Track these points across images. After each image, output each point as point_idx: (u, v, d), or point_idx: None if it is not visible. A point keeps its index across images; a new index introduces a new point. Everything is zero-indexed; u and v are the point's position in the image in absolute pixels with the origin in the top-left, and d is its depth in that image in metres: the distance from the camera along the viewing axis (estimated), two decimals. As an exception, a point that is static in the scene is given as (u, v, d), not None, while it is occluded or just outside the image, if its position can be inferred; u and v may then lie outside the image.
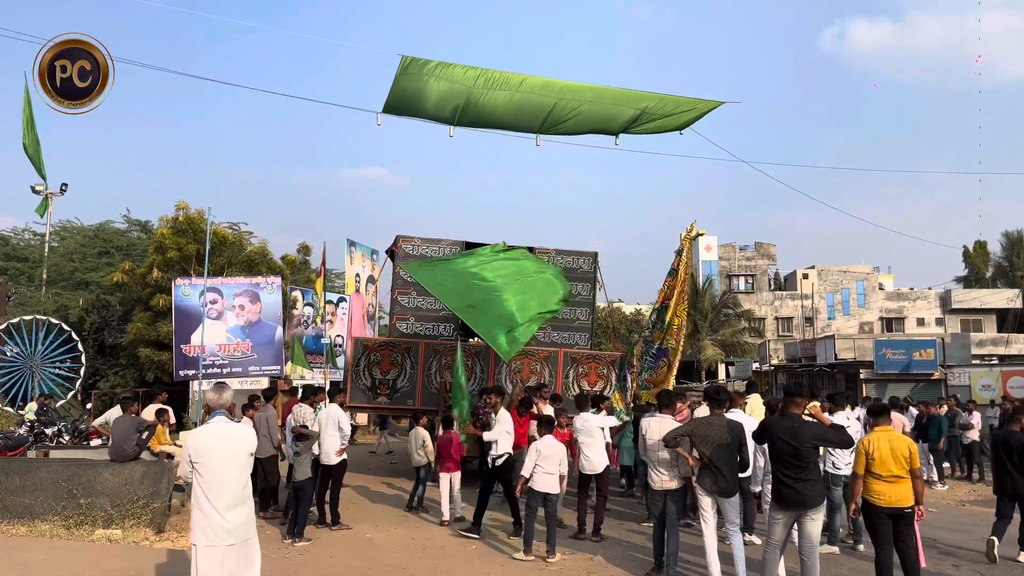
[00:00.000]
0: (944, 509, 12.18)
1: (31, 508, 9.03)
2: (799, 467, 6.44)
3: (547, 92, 10.85)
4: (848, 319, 50.62)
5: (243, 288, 19.95)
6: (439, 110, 10.71)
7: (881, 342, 27.22)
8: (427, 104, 10.63)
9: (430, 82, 10.38)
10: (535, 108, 10.87)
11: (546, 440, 8.51)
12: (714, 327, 45.21)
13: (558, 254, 15.09)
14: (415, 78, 10.32)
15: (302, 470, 9.24)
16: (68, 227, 28.47)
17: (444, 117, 10.86)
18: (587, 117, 11.15)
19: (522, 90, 10.72)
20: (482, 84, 10.52)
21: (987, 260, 58.04)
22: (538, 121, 11.02)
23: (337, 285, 29.37)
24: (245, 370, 19.46)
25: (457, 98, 10.54)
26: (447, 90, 10.46)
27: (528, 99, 10.78)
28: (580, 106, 10.97)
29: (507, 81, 10.65)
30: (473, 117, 10.89)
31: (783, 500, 6.47)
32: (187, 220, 21.55)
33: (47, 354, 18.51)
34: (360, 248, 26.06)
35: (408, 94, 10.50)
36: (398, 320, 14.68)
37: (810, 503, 6.45)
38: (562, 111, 10.91)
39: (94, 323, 22.86)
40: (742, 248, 53.68)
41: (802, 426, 6.62)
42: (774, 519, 6.60)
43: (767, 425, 6.88)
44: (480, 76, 10.51)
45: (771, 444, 6.61)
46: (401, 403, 13.81)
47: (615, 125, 11.40)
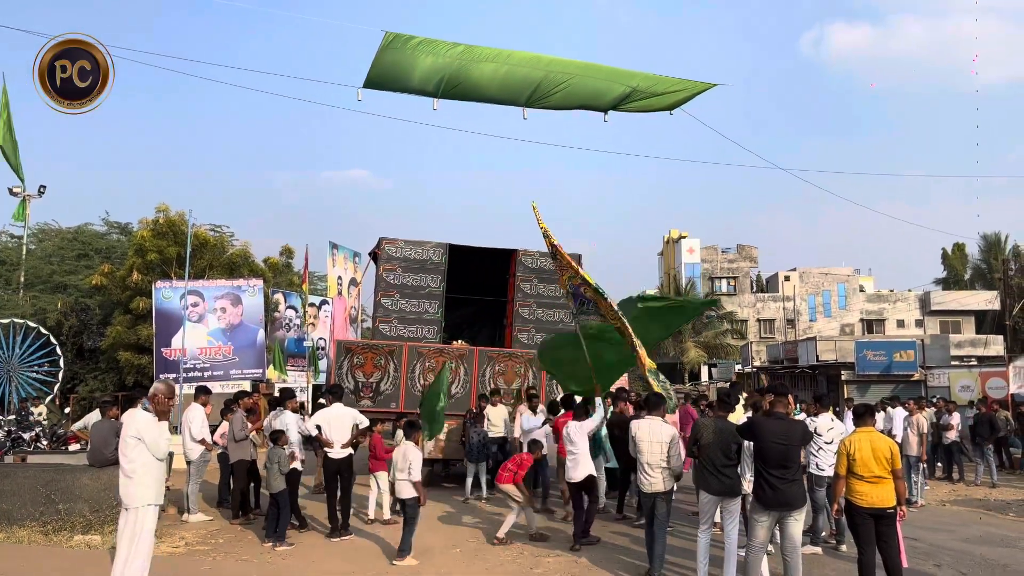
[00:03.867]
0: (926, 509, 12.28)
1: (8, 514, 8.90)
2: (787, 467, 6.46)
3: (535, 65, 10.68)
4: (829, 321, 51.05)
5: (225, 291, 19.83)
6: (423, 83, 10.43)
7: (862, 344, 27.45)
8: (411, 77, 10.36)
9: (415, 55, 10.17)
10: (522, 80, 10.66)
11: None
12: (697, 329, 45.43)
13: (541, 256, 15.05)
14: (399, 52, 10.11)
15: (276, 483, 9.03)
16: (46, 229, 28.20)
17: (428, 90, 10.55)
18: (576, 91, 10.93)
19: (510, 63, 10.55)
20: (468, 57, 10.35)
21: (965, 262, 58.74)
22: (525, 93, 10.78)
23: (319, 288, 29.23)
24: (227, 373, 19.33)
25: (442, 71, 10.31)
26: (432, 63, 10.25)
27: (515, 71, 10.58)
28: (569, 79, 10.77)
29: (495, 55, 10.51)
30: (458, 89, 10.60)
31: (769, 501, 6.48)
32: (168, 222, 21.40)
33: (24, 358, 18.29)
34: (342, 250, 25.96)
35: (391, 68, 10.25)
36: (381, 323, 14.60)
37: (795, 504, 6.49)
38: (550, 84, 10.71)
39: (73, 327, 22.63)
40: (724, 250, 53.99)
41: (792, 426, 6.65)
42: (758, 521, 6.60)
43: (754, 424, 6.84)
44: (466, 51, 10.35)
45: (760, 444, 6.58)
46: (384, 406, 13.74)
47: (604, 101, 11.18)
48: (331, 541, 9.22)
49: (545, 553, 8.64)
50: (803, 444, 6.68)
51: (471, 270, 15.39)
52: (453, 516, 10.92)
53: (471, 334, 16.71)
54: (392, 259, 14.52)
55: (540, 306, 14.94)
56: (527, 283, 14.90)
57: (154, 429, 6.16)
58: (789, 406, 6.84)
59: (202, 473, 10.94)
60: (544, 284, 14.89)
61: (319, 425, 9.59)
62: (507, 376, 14.04)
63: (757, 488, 6.65)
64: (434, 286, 14.59)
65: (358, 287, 24.81)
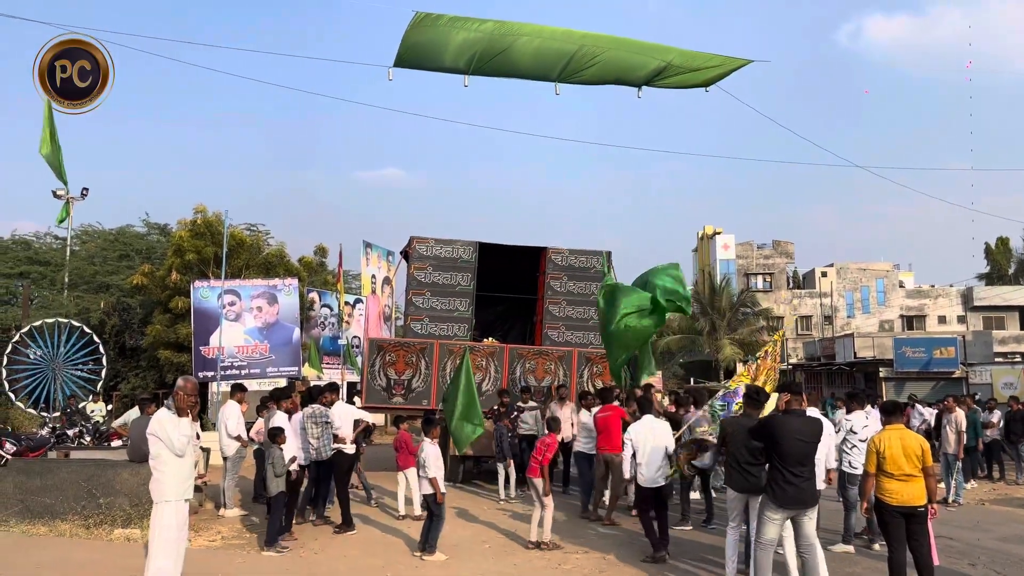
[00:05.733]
0: (964, 508, 12.06)
1: (52, 508, 9.16)
2: (804, 465, 6.42)
3: (568, 39, 10.55)
4: (868, 317, 50.14)
5: (261, 290, 20.15)
6: (456, 59, 10.38)
7: (900, 340, 27.01)
8: (443, 53, 10.32)
9: (446, 32, 10.14)
10: (556, 54, 10.53)
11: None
12: (732, 326, 44.95)
13: (571, 254, 15.08)
14: (429, 29, 10.07)
15: (272, 484, 8.73)
16: (89, 231, 28.86)
17: (460, 67, 10.50)
18: (609, 65, 10.76)
19: (542, 36, 10.46)
20: (500, 32, 10.29)
21: (1009, 257, 57.34)
22: (558, 68, 10.65)
23: (354, 287, 29.52)
24: (263, 371, 19.66)
25: (474, 46, 10.26)
26: (464, 39, 10.19)
27: (548, 45, 10.47)
28: (603, 53, 10.61)
29: (527, 30, 10.42)
30: (491, 64, 10.52)
31: (786, 499, 6.41)
32: (205, 223, 21.78)
33: (69, 356, 18.76)
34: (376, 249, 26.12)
35: (422, 45, 10.24)
36: (412, 321, 14.74)
37: (810, 502, 6.49)
38: (584, 57, 10.57)
39: (115, 326, 23.15)
40: (760, 246, 53.32)
41: (812, 423, 6.61)
42: (770, 519, 6.50)
43: (773, 423, 6.69)
44: (498, 26, 10.30)
45: (781, 442, 6.46)
46: (416, 403, 13.88)
47: (638, 76, 10.99)
48: (348, 536, 9.34)
49: (574, 549, 8.68)
50: (818, 441, 6.67)
51: (501, 268, 15.46)
52: (486, 512, 11.00)
53: (501, 332, 16.80)
54: (423, 258, 14.65)
55: (570, 303, 14.95)
56: (557, 280, 14.93)
57: (168, 426, 6.23)
58: (803, 403, 6.80)
59: (238, 469, 11.16)
60: (574, 282, 14.91)
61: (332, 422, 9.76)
62: (537, 373, 14.08)
63: (772, 485, 6.50)
64: (464, 284, 14.69)
65: (391, 285, 25.02)
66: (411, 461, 10.29)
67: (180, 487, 6.36)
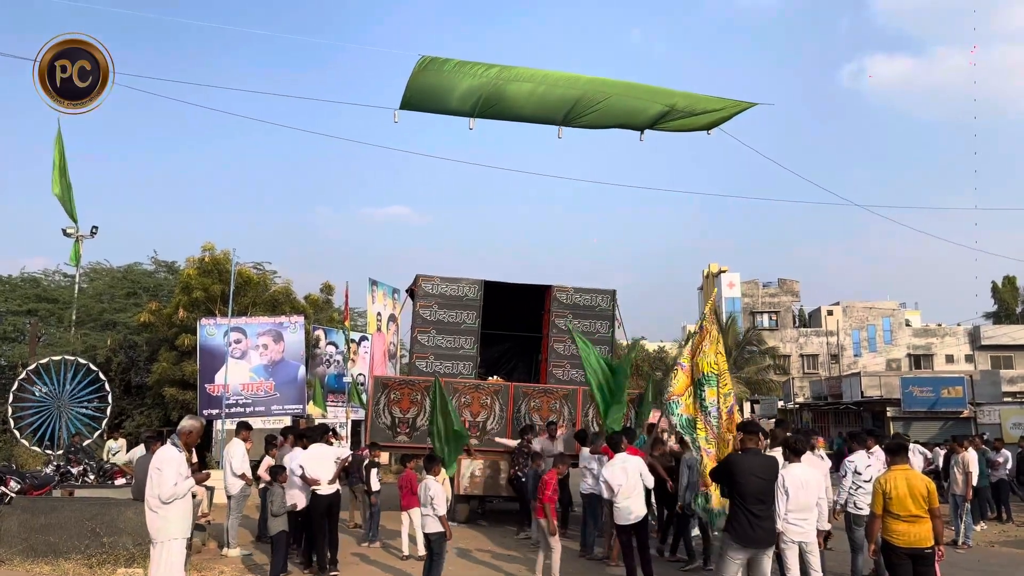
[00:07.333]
0: (972, 550, 11.92)
1: (55, 547, 9.13)
2: (764, 503, 6.45)
3: (573, 85, 10.69)
4: (875, 356, 49.95)
5: (267, 328, 20.20)
6: (461, 103, 10.54)
7: (908, 379, 26.85)
8: (449, 97, 10.46)
9: (451, 77, 10.28)
10: (559, 99, 10.67)
11: None
12: (738, 364, 44.78)
13: (576, 292, 15.15)
14: (434, 74, 10.21)
15: (272, 524, 8.74)
16: (97, 268, 29.06)
17: (465, 110, 10.66)
18: (613, 109, 10.88)
19: (547, 82, 10.59)
20: (505, 77, 10.42)
21: (1016, 295, 57.22)
22: (562, 112, 10.78)
23: (359, 324, 29.61)
24: (268, 409, 19.63)
25: (479, 91, 10.39)
26: (469, 84, 10.33)
27: (552, 90, 10.60)
28: (607, 98, 10.73)
29: (531, 75, 10.55)
30: (495, 108, 10.67)
31: (747, 538, 6.37)
32: (212, 261, 21.95)
33: (75, 394, 18.79)
34: (381, 287, 26.29)
35: (428, 89, 10.37)
36: (417, 358, 14.76)
37: (770, 541, 6.53)
38: (587, 102, 10.69)
39: (121, 363, 23.22)
40: (765, 285, 53.38)
41: (769, 461, 6.67)
42: (732, 558, 6.45)
43: (733, 462, 6.67)
44: (502, 71, 10.42)
45: (740, 481, 6.42)
46: (420, 441, 13.82)
47: (641, 120, 11.12)
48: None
49: (578, 591, 8.60)
50: (774, 479, 6.65)
51: (506, 306, 15.53)
52: (493, 552, 10.91)
53: (506, 370, 16.80)
54: (428, 296, 14.73)
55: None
56: (562, 319, 14.97)
57: (166, 466, 6.17)
58: (760, 442, 6.81)
59: (242, 507, 11.11)
60: (579, 320, 14.95)
61: (302, 465, 9.50)
62: (542, 412, 14.06)
63: (734, 525, 6.44)
64: (469, 322, 14.74)
65: (396, 323, 25.10)
66: (415, 501, 10.24)
67: (185, 524, 6.39)
